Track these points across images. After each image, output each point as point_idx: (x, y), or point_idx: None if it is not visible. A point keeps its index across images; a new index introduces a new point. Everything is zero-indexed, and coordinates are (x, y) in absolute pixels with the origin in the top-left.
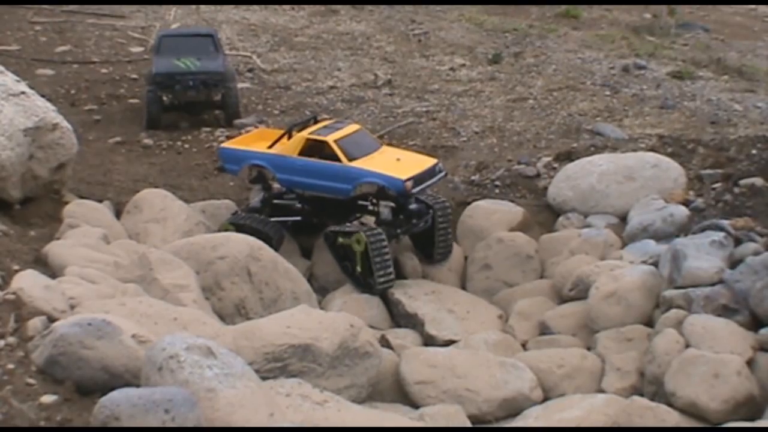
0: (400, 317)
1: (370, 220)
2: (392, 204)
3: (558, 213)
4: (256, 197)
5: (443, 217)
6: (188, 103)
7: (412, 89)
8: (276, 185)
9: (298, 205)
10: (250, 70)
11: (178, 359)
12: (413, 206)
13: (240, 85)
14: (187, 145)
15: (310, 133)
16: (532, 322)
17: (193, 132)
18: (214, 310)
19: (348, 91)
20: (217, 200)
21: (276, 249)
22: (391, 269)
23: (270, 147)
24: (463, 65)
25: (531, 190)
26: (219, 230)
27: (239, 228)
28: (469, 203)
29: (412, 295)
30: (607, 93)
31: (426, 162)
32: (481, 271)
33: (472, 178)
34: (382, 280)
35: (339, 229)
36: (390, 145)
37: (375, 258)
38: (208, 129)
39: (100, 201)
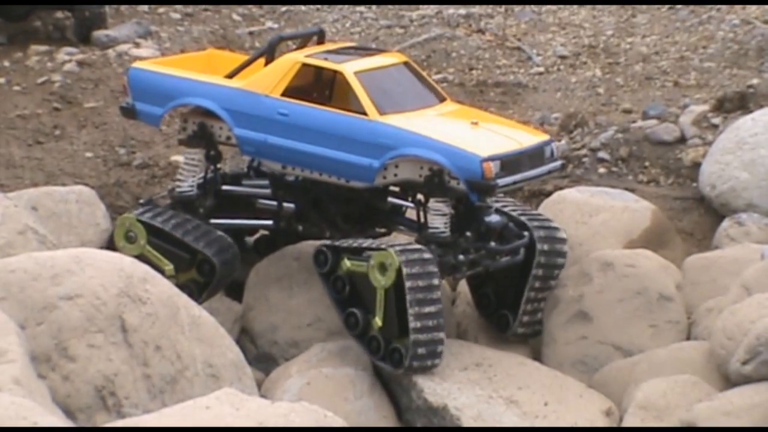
0: (414, 412)
1: (405, 239)
2: (451, 209)
3: (720, 213)
4: (188, 175)
5: (549, 254)
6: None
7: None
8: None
9: (271, 199)
10: None
11: None
12: (494, 219)
13: None
14: (2, 80)
15: (313, 55)
16: (671, 422)
17: (15, 54)
18: (56, 397)
19: None
20: (61, 185)
21: (217, 286)
22: (442, 329)
23: (229, 76)
24: None
25: (668, 169)
26: (113, 237)
27: (153, 234)
28: (548, 194)
29: (439, 371)
30: None
31: (528, 137)
32: (572, 325)
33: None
34: (423, 344)
35: (346, 244)
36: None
37: (416, 302)
38: (43, 48)
39: None
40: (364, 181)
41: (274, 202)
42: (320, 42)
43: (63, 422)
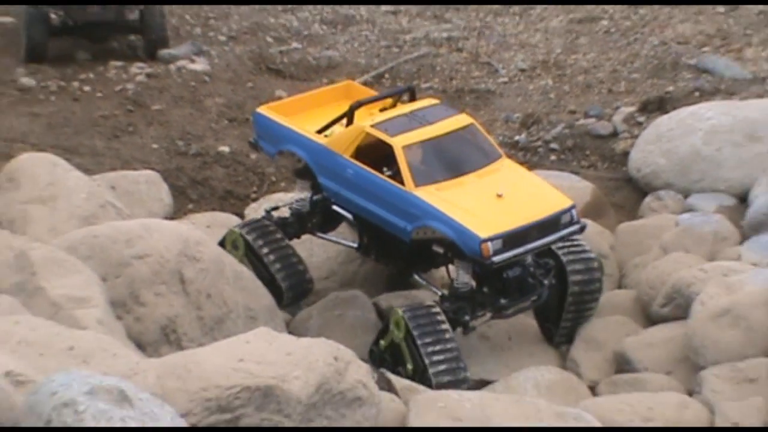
0: None
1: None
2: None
3: (644, 190)
4: (301, 196)
5: (582, 283)
6: (89, 24)
7: (426, 5)
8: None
9: (354, 226)
10: None
11: (75, 408)
12: (512, 272)
13: None
14: (88, 88)
15: (376, 125)
16: (605, 353)
17: (97, 68)
18: (130, 334)
19: (331, 7)
20: (133, 170)
21: (291, 301)
22: (457, 357)
23: (322, 131)
24: None
25: (604, 157)
26: (223, 242)
27: (250, 249)
28: None
29: None
30: (721, 9)
31: (546, 207)
32: None
33: (516, 138)
34: (441, 368)
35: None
36: (511, 156)
37: (423, 341)
38: (119, 63)
39: None
40: (403, 237)
41: (357, 228)
42: (411, 97)
43: (136, 353)
